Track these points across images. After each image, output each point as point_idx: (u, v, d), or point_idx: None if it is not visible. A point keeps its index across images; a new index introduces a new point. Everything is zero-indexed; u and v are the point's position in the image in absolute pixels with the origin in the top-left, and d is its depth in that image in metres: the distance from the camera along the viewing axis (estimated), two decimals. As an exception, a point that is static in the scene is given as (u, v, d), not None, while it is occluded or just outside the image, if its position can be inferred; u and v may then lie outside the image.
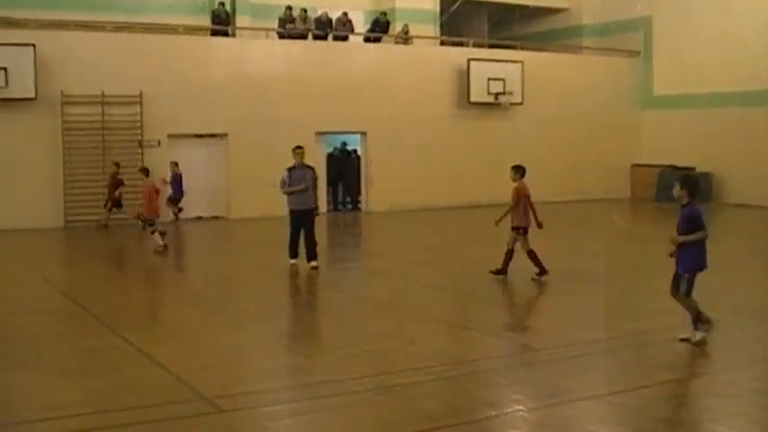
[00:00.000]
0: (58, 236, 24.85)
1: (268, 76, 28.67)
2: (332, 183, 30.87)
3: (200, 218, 28.01)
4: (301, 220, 17.11)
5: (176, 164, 26.40)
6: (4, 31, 26.58)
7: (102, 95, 26.41)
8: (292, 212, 17.28)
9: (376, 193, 30.42)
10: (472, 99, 31.61)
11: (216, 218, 28.24)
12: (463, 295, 15.00)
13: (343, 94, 29.44)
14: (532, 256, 15.31)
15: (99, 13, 29.08)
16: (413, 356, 10.41)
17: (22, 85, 25.29)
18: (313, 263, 16.95)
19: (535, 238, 15.50)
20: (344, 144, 32.04)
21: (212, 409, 8.31)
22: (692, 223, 10.42)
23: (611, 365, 10.06)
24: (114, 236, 24.75)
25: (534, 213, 15.48)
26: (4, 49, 24.97)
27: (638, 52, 35.44)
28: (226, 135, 28.32)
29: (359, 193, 31.12)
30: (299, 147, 17.44)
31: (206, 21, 31.09)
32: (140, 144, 27.00)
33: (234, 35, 30.88)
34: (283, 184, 17.14)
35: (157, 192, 21.44)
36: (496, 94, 31.72)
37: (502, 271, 15.36)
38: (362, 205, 30.84)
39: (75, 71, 26.18)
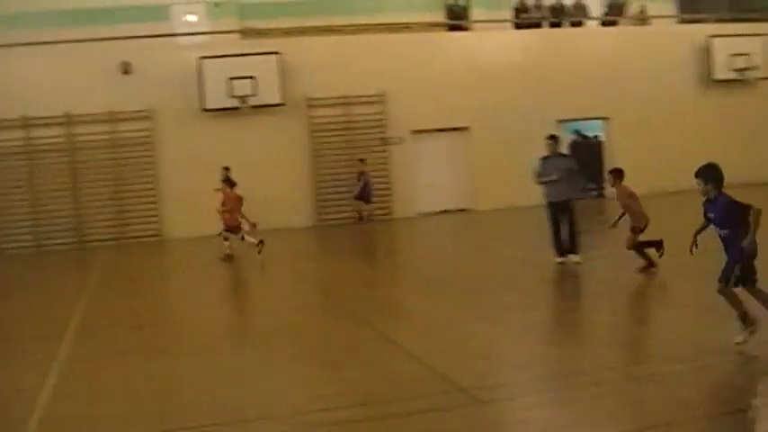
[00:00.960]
0: (310, 234, 25.74)
1: (506, 67, 28.65)
2: (577, 170, 30.47)
3: (445, 211, 28.32)
4: (559, 213, 16.23)
5: (362, 161, 26.83)
6: (251, 41, 27.78)
7: (346, 96, 27.14)
8: (549, 205, 16.39)
9: (620, 178, 29.83)
10: (715, 77, 30.52)
11: (461, 210, 28.46)
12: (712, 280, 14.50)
13: (582, 81, 29.03)
14: (639, 249, 15.02)
15: (338, 17, 29.83)
16: (666, 344, 10.13)
17: (270, 92, 26.37)
18: (573, 257, 16.20)
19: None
20: (578, 131, 31.60)
21: (471, 400, 8.37)
22: (736, 211, 9.29)
23: None
24: (362, 233, 25.37)
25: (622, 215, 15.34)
26: (253, 59, 26.12)
27: None
28: (467, 128, 28.49)
29: (602, 179, 30.61)
30: (551, 136, 16.80)
31: (441, 16, 31.38)
32: (384, 141, 27.57)
33: (470, 29, 31.04)
34: (536, 174, 16.38)
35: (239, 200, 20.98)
36: (741, 70, 30.50)
37: (651, 264, 14.88)
38: (606, 191, 30.29)
39: (318, 74, 27.03)
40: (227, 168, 23.85)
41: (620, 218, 15.40)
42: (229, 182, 21.27)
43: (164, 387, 9.78)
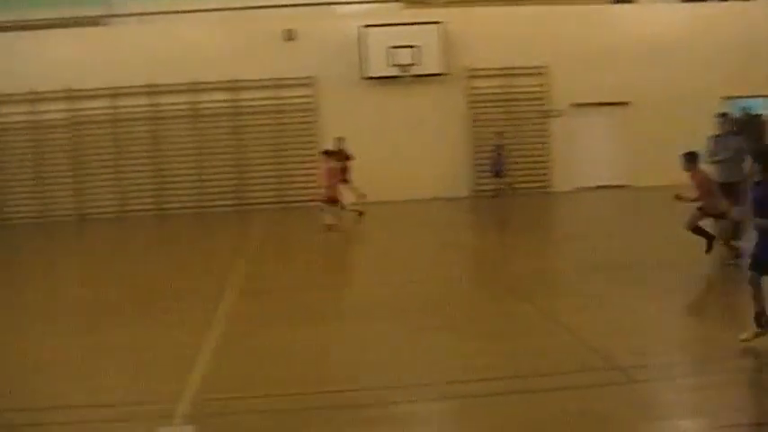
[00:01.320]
0: (466, 204, 25.75)
1: (671, 41, 27.89)
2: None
3: (603, 186, 27.90)
4: (726, 194, 15.11)
5: (500, 134, 26.74)
6: (413, 11, 27.83)
7: (507, 68, 26.96)
8: (720, 186, 15.30)
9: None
10: None
11: (620, 186, 27.97)
12: None
13: (750, 56, 27.99)
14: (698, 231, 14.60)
15: (503, -13, 29.62)
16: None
17: (431, 61, 26.47)
18: (735, 242, 15.10)
19: None
20: (746, 108, 30.49)
21: (625, 378, 8.23)
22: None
23: None
24: (518, 205, 25.22)
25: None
26: (414, 28, 26.23)
27: None
28: (628, 103, 27.92)
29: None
30: (722, 114, 16.17)
31: (607, -12, 30.80)
32: (545, 114, 27.32)
33: (636, 1, 30.36)
34: (708, 153, 15.57)
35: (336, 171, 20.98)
36: None
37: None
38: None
39: (480, 45, 26.95)
40: (340, 139, 23.66)
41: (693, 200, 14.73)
42: (333, 153, 21.25)
43: (316, 350, 9.92)
